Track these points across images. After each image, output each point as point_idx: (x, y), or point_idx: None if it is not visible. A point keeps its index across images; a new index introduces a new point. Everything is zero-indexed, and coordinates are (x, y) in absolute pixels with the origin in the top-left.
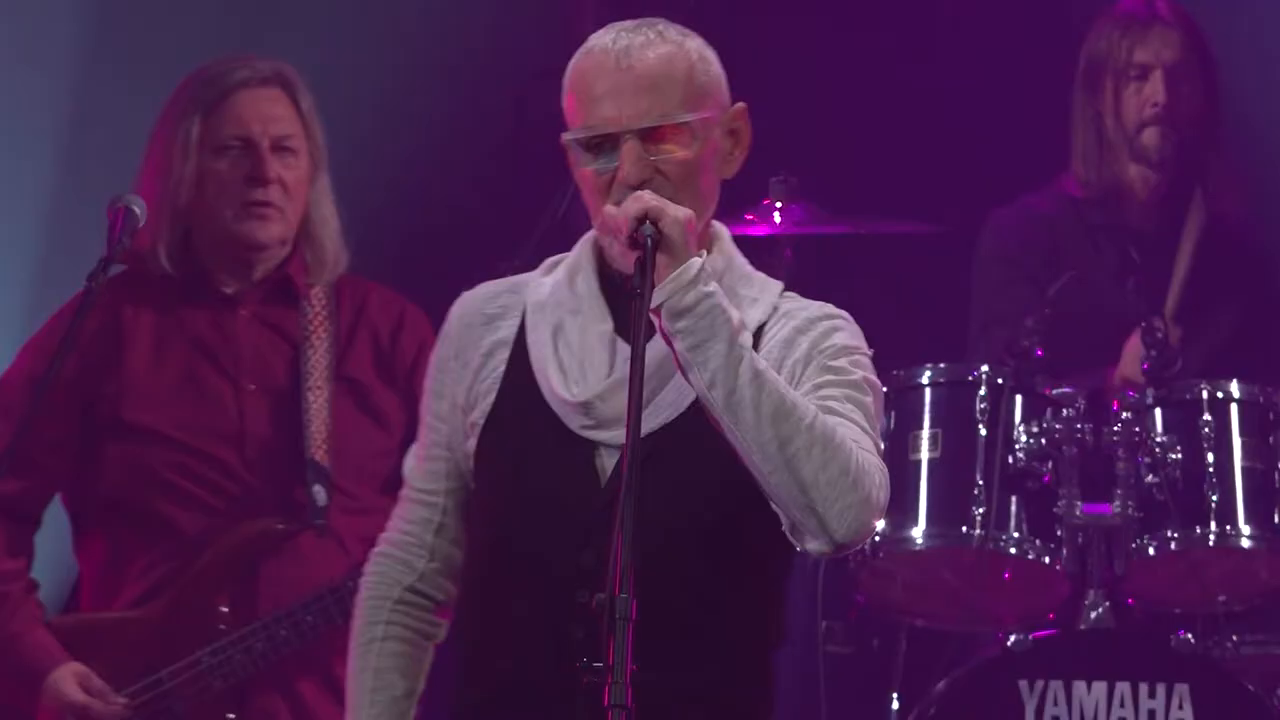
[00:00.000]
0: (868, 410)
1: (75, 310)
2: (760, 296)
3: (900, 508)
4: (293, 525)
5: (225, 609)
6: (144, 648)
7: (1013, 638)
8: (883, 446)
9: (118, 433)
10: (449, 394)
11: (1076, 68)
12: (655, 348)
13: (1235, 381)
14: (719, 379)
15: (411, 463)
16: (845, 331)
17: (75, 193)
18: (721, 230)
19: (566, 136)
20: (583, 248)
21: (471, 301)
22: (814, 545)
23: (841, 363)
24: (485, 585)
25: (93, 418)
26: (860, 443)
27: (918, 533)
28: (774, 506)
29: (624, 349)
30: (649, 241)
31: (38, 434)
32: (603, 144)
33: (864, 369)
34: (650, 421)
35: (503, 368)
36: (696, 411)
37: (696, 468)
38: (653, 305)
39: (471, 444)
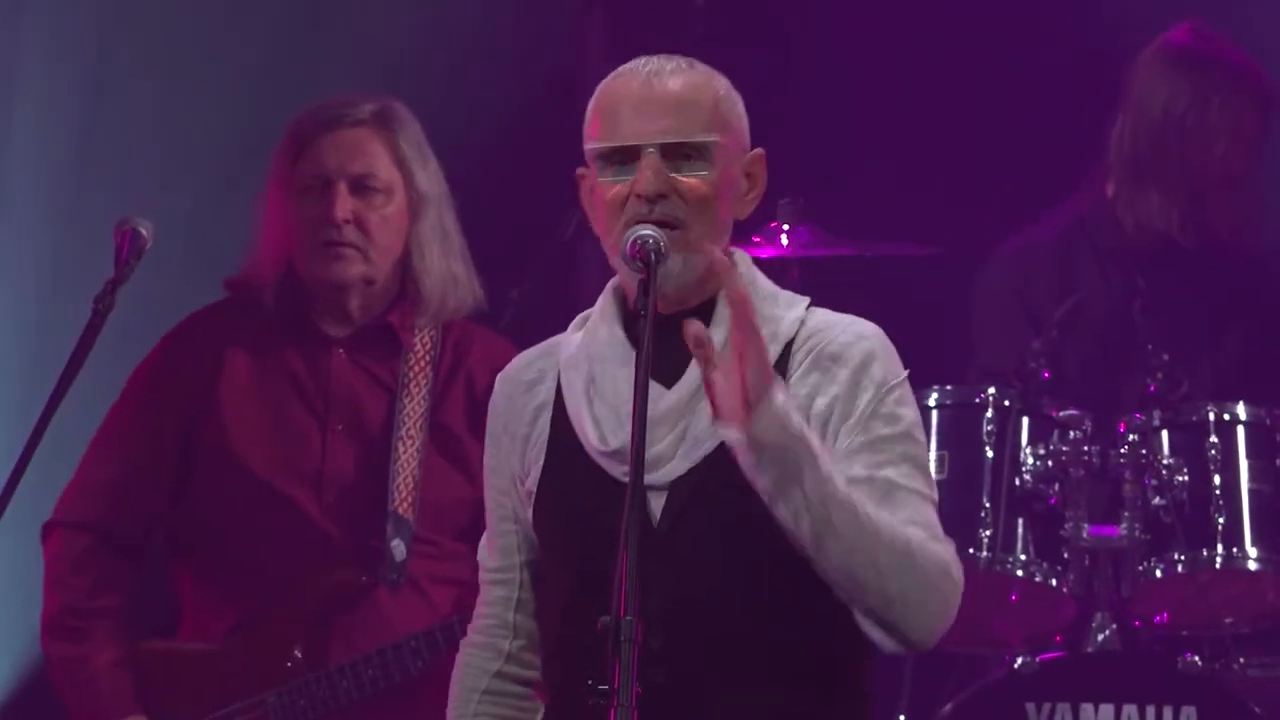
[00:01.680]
0: (922, 463)
1: (182, 339)
2: (786, 314)
3: None
4: (370, 578)
5: (298, 654)
6: (218, 682)
7: (1020, 660)
8: (934, 487)
9: (208, 464)
10: (505, 468)
11: (1144, 95)
12: (684, 384)
13: (1242, 404)
14: (805, 513)
15: (482, 546)
16: (880, 360)
17: (83, 213)
18: (741, 255)
19: (589, 146)
20: (605, 298)
21: (511, 372)
22: (889, 646)
23: (889, 407)
24: (568, 644)
25: (189, 446)
26: (932, 528)
27: None
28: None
29: (655, 389)
30: (653, 258)
31: (134, 462)
32: (624, 159)
33: (906, 403)
34: (692, 456)
35: (547, 431)
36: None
37: (745, 490)
38: (742, 437)
39: (530, 512)
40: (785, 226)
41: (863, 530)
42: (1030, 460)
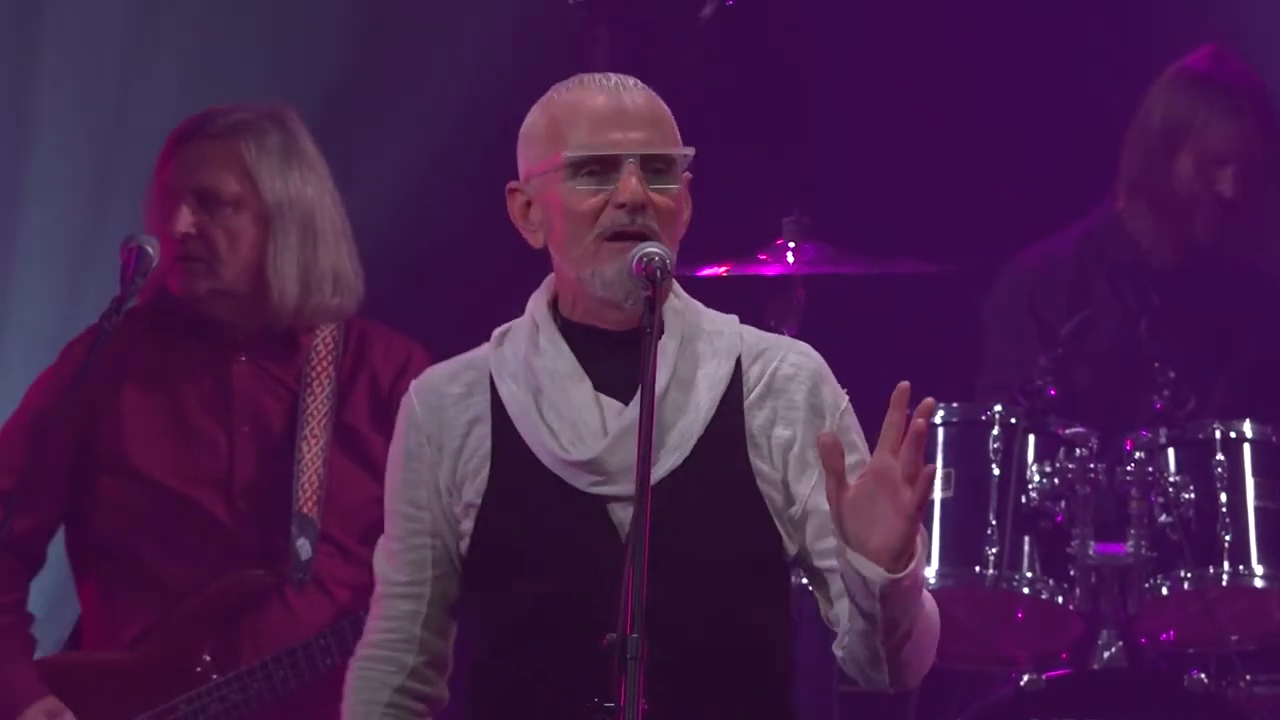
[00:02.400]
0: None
1: (87, 348)
2: (725, 329)
3: None
4: (275, 577)
5: (207, 657)
6: (126, 691)
7: (1026, 677)
8: None
9: (109, 472)
10: (426, 481)
11: (1144, 110)
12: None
13: (1248, 422)
14: (898, 633)
15: (383, 560)
16: (828, 383)
17: (101, 230)
18: (675, 283)
19: (571, 154)
20: (537, 311)
21: (430, 385)
22: (881, 687)
23: (846, 435)
24: (520, 654)
25: (88, 455)
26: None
27: (931, 572)
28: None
29: (609, 403)
30: (658, 274)
31: (28, 469)
32: (600, 168)
33: (856, 426)
34: (661, 467)
35: (488, 443)
36: (700, 451)
37: (710, 505)
38: (898, 574)
39: (468, 525)
40: (791, 244)
41: (929, 631)
42: (1037, 478)
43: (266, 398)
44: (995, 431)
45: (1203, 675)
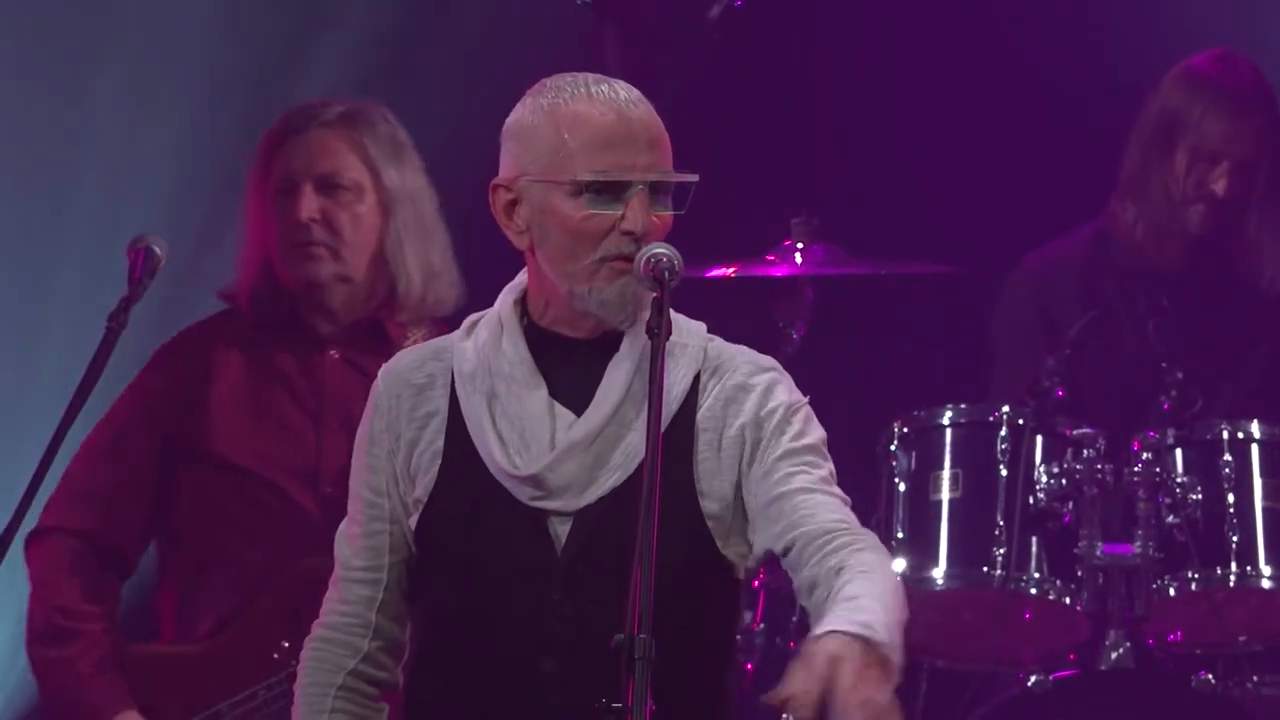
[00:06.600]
0: (831, 472)
1: (173, 351)
2: (690, 342)
3: (920, 548)
4: None
5: (285, 644)
6: (207, 680)
7: (1033, 678)
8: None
9: (196, 464)
10: (385, 468)
11: (1144, 108)
12: (595, 414)
13: (1256, 422)
14: None
15: (343, 543)
16: (782, 385)
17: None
18: None
19: (585, 178)
20: (505, 310)
21: (396, 372)
22: None
23: (795, 425)
24: (449, 661)
25: (173, 452)
26: (854, 519)
27: (938, 573)
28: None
29: (563, 414)
30: (666, 275)
31: (124, 476)
32: (609, 190)
33: (810, 420)
34: (602, 485)
35: (441, 441)
36: (642, 471)
37: None
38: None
39: (414, 520)
40: (800, 245)
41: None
42: (1044, 478)
43: (356, 392)
44: (1003, 432)
45: (1210, 676)
